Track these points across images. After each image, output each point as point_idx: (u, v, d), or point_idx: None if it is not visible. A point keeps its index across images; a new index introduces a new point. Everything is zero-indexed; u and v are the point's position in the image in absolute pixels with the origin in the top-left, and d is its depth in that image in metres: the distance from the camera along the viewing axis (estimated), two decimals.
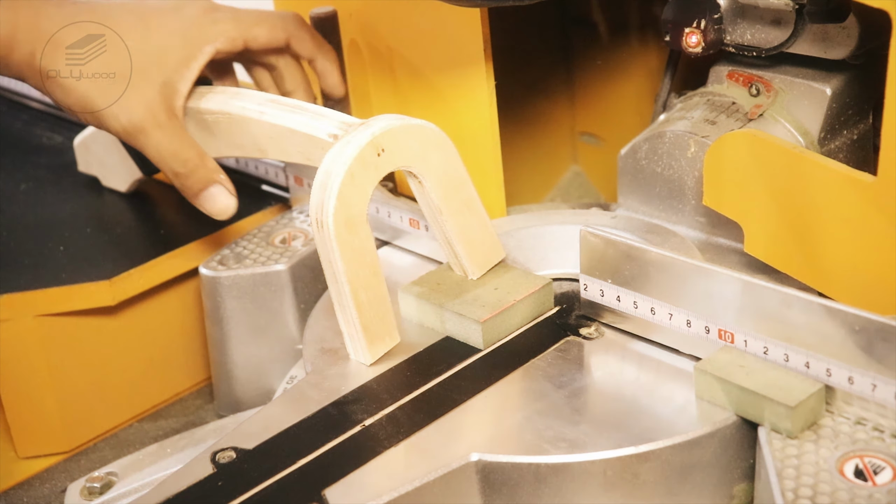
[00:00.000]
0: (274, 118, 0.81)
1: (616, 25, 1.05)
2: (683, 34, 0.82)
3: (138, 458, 0.87)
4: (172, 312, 0.99)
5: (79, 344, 0.94)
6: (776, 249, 0.76)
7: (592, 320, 0.77)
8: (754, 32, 0.80)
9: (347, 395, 0.72)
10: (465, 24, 0.84)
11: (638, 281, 0.73)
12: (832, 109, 0.81)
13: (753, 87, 0.84)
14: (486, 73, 0.85)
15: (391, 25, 0.91)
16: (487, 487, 0.65)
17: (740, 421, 0.66)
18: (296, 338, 0.90)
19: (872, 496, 0.59)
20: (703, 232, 0.85)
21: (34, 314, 0.91)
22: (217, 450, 0.68)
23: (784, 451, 0.62)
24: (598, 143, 1.11)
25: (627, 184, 0.89)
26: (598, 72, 1.08)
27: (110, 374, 0.96)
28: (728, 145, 0.76)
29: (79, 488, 0.84)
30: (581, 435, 0.66)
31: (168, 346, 0.99)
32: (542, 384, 0.72)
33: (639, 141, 0.87)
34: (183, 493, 0.65)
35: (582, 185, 1.14)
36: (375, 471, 0.65)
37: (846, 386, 0.63)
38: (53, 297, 0.91)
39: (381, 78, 0.93)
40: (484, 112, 0.87)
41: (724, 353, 0.68)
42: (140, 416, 0.99)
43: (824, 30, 0.78)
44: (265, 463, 0.67)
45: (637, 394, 0.70)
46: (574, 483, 0.64)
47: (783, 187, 0.74)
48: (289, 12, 0.90)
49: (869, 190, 0.68)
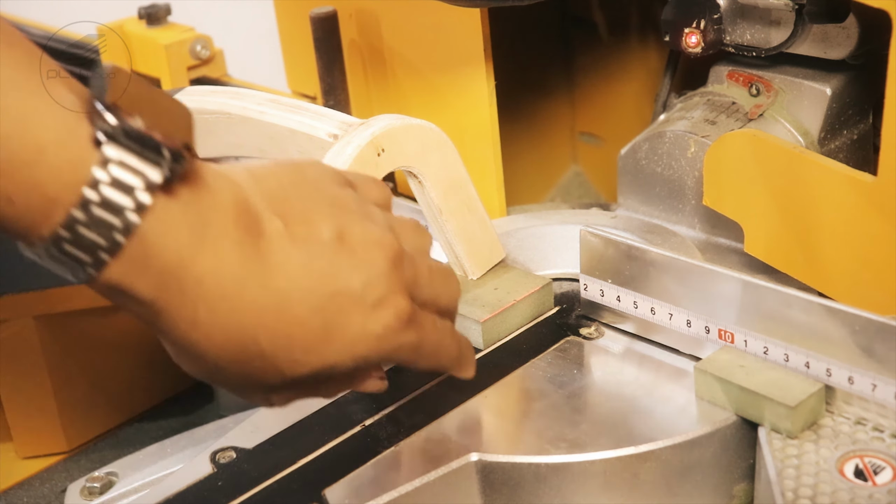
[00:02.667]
0: (274, 118, 0.80)
1: (616, 25, 1.05)
2: (683, 34, 0.82)
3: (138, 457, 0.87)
4: None
5: (79, 344, 0.94)
6: (776, 249, 0.76)
7: (592, 320, 0.77)
8: (754, 32, 0.80)
9: (347, 395, 0.72)
10: (465, 24, 0.84)
11: (638, 281, 0.73)
12: (832, 109, 0.81)
13: (753, 87, 0.84)
14: (486, 73, 0.85)
15: (391, 25, 0.91)
16: (487, 487, 0.65)
17: (740, 421, 0.66)
18: None
19: (872, 496, 0.59)
20: (703, 232, 0.85)
21: (34, 314, 0.91)
22: (217, 449, 0.68)
23: (784, 451, 0.62)
24: (598, 142, 1.11)
25: (627, 184, 0.89)
26: (598, 72, 1.08)
27: (110, 373, 0.96)
28: (728, 145, 0.76)
29: (79, 488, 0.84)
30: (581, 435, 0.66)
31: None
32: (542, 384, 0.72)
33: (639, 141, 0.87)
34: (183, 492, 0.65)
35: (582, 185, 1.14)
36: (375, 471, 0.65)
37: (846, 386, 0.63)
38: (53, 297, 0.91)
39: (381, 78, 0.93)
40: (484, 112, 0.87)
41: (724, 352, 0.68)
42: (140, 415, 0.99)
43: (824, 30, 0.78)
44: (265, 463, 0.67)
45: (637, 394, 0.70)
46: (574, 483, 0.64)
47: (783, 187, 0.74)
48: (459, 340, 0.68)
49: (869, 190, 0.68)
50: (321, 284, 0.58)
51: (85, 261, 0.52)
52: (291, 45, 1.07)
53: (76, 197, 0.50)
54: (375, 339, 0.60)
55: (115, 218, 0.51)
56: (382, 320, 0.60)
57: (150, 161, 0.51)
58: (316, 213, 0.59)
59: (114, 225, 0.51)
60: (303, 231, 0.58)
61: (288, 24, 1.07)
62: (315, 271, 0.57)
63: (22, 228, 0.51)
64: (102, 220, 0.51)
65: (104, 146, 0.50)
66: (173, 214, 0.52)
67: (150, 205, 0.51)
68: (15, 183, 0.49)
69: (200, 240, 0.53)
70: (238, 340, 0.56)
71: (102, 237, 0.51)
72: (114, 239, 0.51)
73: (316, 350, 0.58)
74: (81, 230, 0.51)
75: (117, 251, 0.51)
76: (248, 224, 0.56)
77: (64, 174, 0.50)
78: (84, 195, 0.50)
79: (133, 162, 0.51)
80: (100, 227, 0.51)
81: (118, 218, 0.51)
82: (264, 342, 0.57)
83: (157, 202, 0.52)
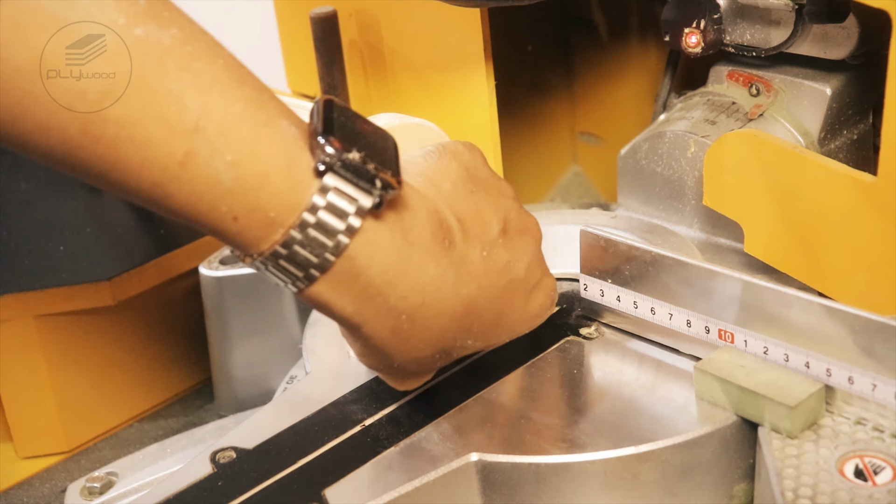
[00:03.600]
0: None
1: (616, 25, 1.05)
2: (683, 34, 0.82)
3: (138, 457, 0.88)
4: (172, 312, 0.99)
5: (79, 344, 0.94)
6: (776, 249, 0.76)
7: (592, 320, 0.77)
8: (754, 32, 0.80)
9: (347, 395, 0.72)
10: (465, 24, 0.84)
11: (638, 281, 0.73)
12: (832, 109, 0.81)
13: (753, 87, 0.84)
14: (486, 73, 0.85)
15: (391, 25, 0.91)
16: (487, 487, 0.65)
17: (740, 421, 0.66)
18: (296, 338, 0.90)
19: (872, 496, 0.59)
20: (703, 232, 0.85)
21: (34, 314, 0.91)
22: (217, 449, 0.68)
23: (784, 451, 0.62)
24: (598, 142, 1.11)
25: (627, 184, 0.89)
26: (598, 72, 1.08)
27: (110, 373, 0.96)
28: (728, 145, 0.76)
29: (79, 488, 0.84)
30: (581, 435, 0.66)
31: (168, 345, 0.99)
32: (542, 384, 0.72)
33: (639, 141, 0.87)
34: (183, 492, 0.65)
35: (582, 185, 1.14)
36: (375, 471, 0.65)
37: (846, 386, 0.63)
38: (53, 297, 0.91)
39: (381, 78, 0.93)
40: (484, 112, 0.87)
41: (724, 352, 0.68)
42: (140, 415, 0.99)
43: (824, 30, 0.78)
44: (265, 463, 0.67)
45: (637, 394, 0.70)
46: (574, 483, 0.64)
47: (783, 187, 0.74)
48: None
49: (869, 190, 0.68)
50: (498, 279, 0.64)
51: (297, 275, 0.57)
52: (291, 45, 1.07)
53: (296, 219, 0.56)
54: (533, 318, 0.68)
55: (329, 239, 0.56)
56: (539, 300, 0.68)
57: (363, 189, 0.56)
58: (484, 208, 0.65)
59: (326, 245, 0.56)
60: (478, 230, 0.64)
61: (288, 24, 1.07)
62: (492, 269, 0.64)
63: (243, 243, 0.57)
64: (317, 241, 0.56)
65: (325, 176, 0.56)
66: (381, 236, 0.58)
67: (360, 227, 0.57)
68: (241, 204, 0.55)
69: (407, 259, 0.59)
70: (432, 342, 0.63)
71: (315, 256, 0.56)
72: (325, 258, 0.57)
73: (485, 336, 0.66)
74: (297, 248, 0.56)
75: (327, 268, 0.57)
76: (442, 237, 0.61)
77: (286, 199, 0.56)
78: (303, 218, 0.56)
79: (348, 190, 0.56)
80: (314, 246, 0.56)
81: (331, 239, 0.56)
82: (450, 341, 0.63)
83: (366, 225, 0.57)
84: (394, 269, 0.59)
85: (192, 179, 0.54)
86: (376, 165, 0.57)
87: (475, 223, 0.64)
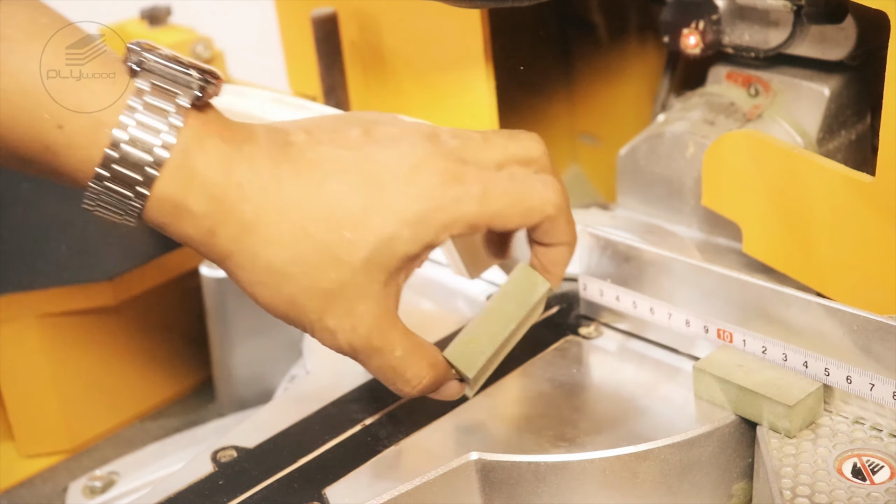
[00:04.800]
0: (277, 117, 0.81)
1: (615, 26, 1.05)
2: (682, 35, 0.82)
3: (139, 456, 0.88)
4: (173, 312, 0.99)
5: (80, 343, 0.94)
6: (775, 249, 0.76)
7: (592, 320, 0.77)
8: (753, 33, 0.80)
9: (347, 395, 0.72)
10: (465, 24, 0.85)
11: (637, 281, 0.73)
12: (830, 110, 0.81)
13: (752, 87, 0.84)
14: (486, 73, 0.86)
15: (391, 25, 0.91)
16: (487, 486, 0.66)
17: (739, 420, 0.66)
18: (296, 337, 0.90)
19: (870, 495, 0.59)
20: (702, 232, 0.85)
21: (35, 314, 0.92)
22: (218, 448, 0.68)
23: (782, 450, 0.62)
24: (598, 143, 1.11)
25: (627, 184, 0.89)
26: (597, 72, 1.08)
27: (112, 373, 0.96)
28: (727, 146, 0.76)
29: (80, 487, 0.85)
30: (580, 434, 0.66)
31: (169, 345, 1.00)
32: (542, 384, 0.72)
33: (638, 141, 0.87)
34: (184, 491, 0.65)
35: (581, 185, 1.14)
36: (375, 470, 0.65)
37: (844, 385, 0.64)
38: (54, 297, 0.92)
39: (381, 78, 0.93)
40: (484, 112, 0.87)
41: (723, 352, 0.68)
42: (141, 414, 0.99)
43: (822, 31, 0.79)
44: (266, 462, 0.67)
45: (636, 393, 0.71)
46: (573, 482, 0.65)
47: (782, 188, 0.74)
48: (554, 191, 0.65)
49: (867, 190, 0.68)
50: (353, 169, 0.61)
51: (137, 180, 0.57)
52: (292, 45, 1.07)
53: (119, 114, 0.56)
54: (420, 198, 0.61)
55: (154, 135, 0.56)
56: (420, 180, 0.62)
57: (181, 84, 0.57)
58: (342, 124, 0.63)
59: (154, 142, 0.56)
60: (328, 136, 0.62)
61: (289, 24, 1.07)
62: (344, 159, 0.61)
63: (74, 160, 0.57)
64: (145, 138, 0.56)
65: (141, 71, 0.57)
66: (208, 130, 0.58)
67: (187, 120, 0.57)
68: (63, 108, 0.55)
69: (236, 150, 0.59)
70: (288, 233, 0.60)
71: (146, 151, 0.56)
72: (156, 154, 0.56)
73: (362, 224, 0.61)
74: (127, 148, 0.56)
75: (162, 163, 0.56)
76: (277, 138, 0.61)
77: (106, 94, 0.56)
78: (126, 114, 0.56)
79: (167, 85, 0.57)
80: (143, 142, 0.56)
81: (157, 133, 0.56)
82: (311, 229, 0.60)
83: (192, 121, 0.57)
84: (224, 163, 0.58)
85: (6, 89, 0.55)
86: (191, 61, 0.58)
87: (325, 132, 0.63)
